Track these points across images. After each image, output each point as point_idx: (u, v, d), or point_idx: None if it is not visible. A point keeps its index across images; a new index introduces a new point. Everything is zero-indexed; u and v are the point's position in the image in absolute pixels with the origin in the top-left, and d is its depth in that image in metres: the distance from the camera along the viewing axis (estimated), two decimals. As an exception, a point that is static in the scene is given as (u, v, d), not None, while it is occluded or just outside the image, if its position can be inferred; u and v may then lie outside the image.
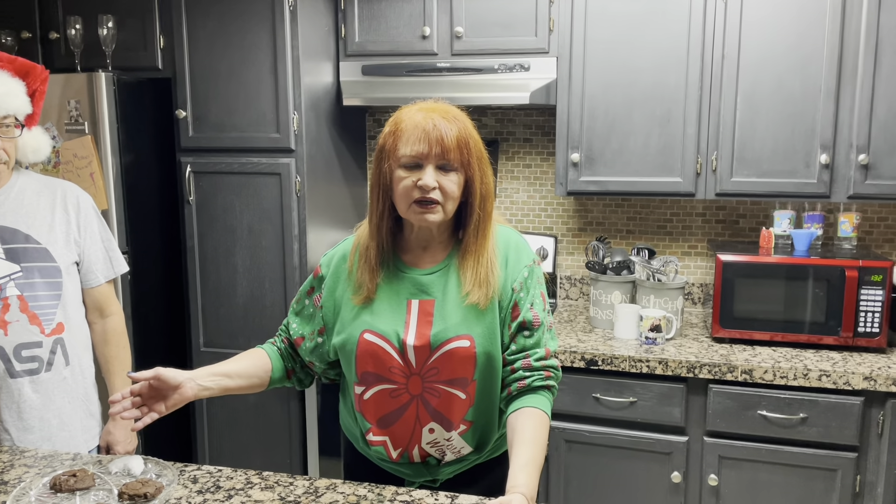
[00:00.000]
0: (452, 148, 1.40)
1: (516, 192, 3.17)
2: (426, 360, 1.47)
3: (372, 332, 1.48)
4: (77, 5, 2.81)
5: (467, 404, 1.50)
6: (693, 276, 3.03)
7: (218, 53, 2.70)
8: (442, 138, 1.40)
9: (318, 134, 2.82)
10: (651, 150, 2.66)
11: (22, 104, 1.79)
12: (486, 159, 1.48)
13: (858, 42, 2.44)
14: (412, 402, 1.50)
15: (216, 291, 2.84)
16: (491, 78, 2.76)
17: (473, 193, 1.46)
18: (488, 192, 1.48)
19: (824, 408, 2.30)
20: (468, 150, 1.43)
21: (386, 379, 1.50)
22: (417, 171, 1.42)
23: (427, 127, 1.40)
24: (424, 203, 1.42)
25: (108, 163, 2.63)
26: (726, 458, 2.40)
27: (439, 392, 1.48)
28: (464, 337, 1.45)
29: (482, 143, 1.49)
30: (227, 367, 1.56)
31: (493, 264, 1.48)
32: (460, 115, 1.46)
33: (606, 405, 2.48)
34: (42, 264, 1.81)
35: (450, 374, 1.47)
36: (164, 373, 1.44)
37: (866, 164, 2.47)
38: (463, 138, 1.42)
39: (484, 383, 1.49)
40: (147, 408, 1.45)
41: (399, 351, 1.47)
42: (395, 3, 2.82)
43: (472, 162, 1.44)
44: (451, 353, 1.45)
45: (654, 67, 2.61)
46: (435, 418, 1.50)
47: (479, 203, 1.46)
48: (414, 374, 1.48)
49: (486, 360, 1.47)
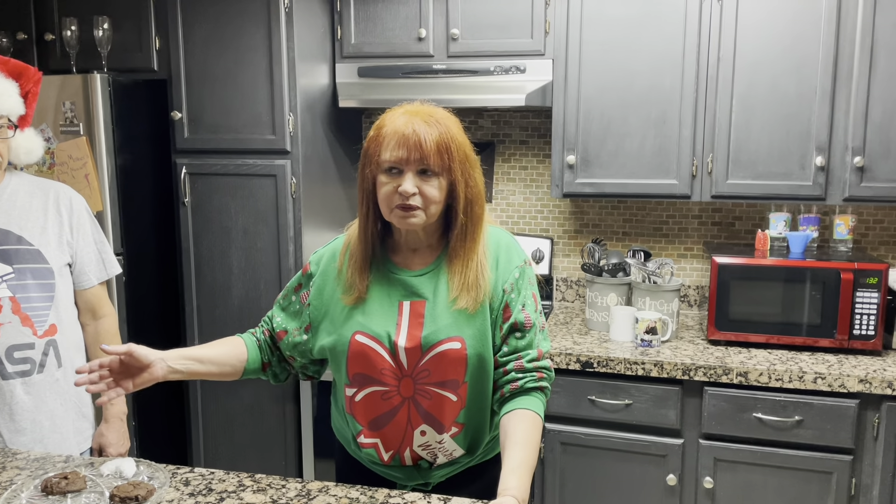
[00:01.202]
0: (432, 153, 1.39)
1: (512, 194, 3.16)
2: (417, 361, 1.46)
3: (363, 333, 1.48)
4: (73, 7, 2.81)
5: (458, 406, 1.49)
6: (689, 279, 3.02)
7: (214, 55, 2.70)
8: (421, 143, 1.38)
9: (313, 135, 2.82)
10: (647, 153, 2.66)
11: (14, 105, 1.78)
12: (474, 162, 1.46)
13: (854, 44, 2.44)
14: (403, 403, 1.50)
15: (211, 293, 2.84)
16: (487, 80, 2.76)
17: (457, 198, 1.43)
18: (476, 196, 1.46)
19: (819, 410, 2.30)
20: (449, 154, 1.40)
21: (377, 381, 1.49)
22: (398, 177, 1.41)
23: (407, 132, 1.39)
24: (405, 208, 1.41)
25: (102, 164, 2.62)
26: (722, 460, 2.40)
27: (430, 394, 1.48)
28: (455, 339, 1.45)
29: (469, 146, 1.46)
30: (201, 353, 1.56)
31: (483, 267, 1.47)
32: (444, 118, 1.43)
33: (602, 407, 2.47)
34: (34, 266, 1.81)
35: (441, 376, 1.46)
36: (137, 350, 1.45)
37: (862, 167, 2.47)
38: (444, 142, 1.40)
39: (475, 385, 1.49)
40: (114, 383, 1.46)
41: (391, 352, 1.47)
42: (392, 4, 2.81)
43: (454, 166, 1.41)
44: (443, 355, 1.45)
45: (649, 69, 2.61)
46: (426, 420, 1.50)
47: (463, 207, 1.44)
48: (405, 376, 1.48)
49: (477, 362, 1.46)
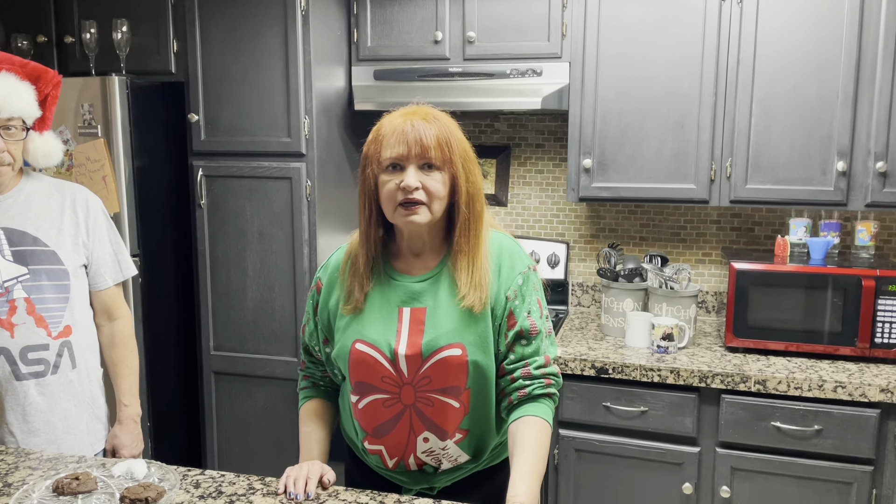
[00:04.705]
0: (433, 146, 1.39)
1: (528, 198, 3.14)
2: (418, 369, 1.45)
3: (363, 341, 1.47)
4: (92, 10, 2.83)
5: (461, 413, 1.47)
6: (707, 285, 2.99)
7: (230, 58, 2.71)
8: (421, 138, 1.39)
9: (329, 138, 2.82)
10: (664, 157, 2.63)
11: (27, 106, 1.77)
12: (472, 159, 1.46)
13: (877, 47, 2.40)
14: (405, 411, 1.48)
15: (226, 295, 2.84)
16: (503, 83, 2.75)
17: (459, 192, 1.43)
18: (476, 192, 1.46)
19: (839, 420, 2.25)
20: (449, 147, 1.41)
21: (378, 389, 1.48)
22: (400, 174, 1.40)
23: (406, 129, 1.39)
24: (409, 205, 1.40)
25: (120, 166, 2.64)
26: (739, 469, 2.36)
27: (432, 401, 1.46)
28: (455, 345, 1.43)
29: (468, 143, 1.47)
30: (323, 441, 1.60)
31: (486, 271, 1.46)
32: (441, 116, 1.45)
33: (617, 414, 2.44)
34: (49, 267, 1.81)
35: (442, 383, 1.44)
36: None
37: (884, 172, 2.43)
38: (443, 136, 1.41)
39: (478, 391, 1.47)
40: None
41: (390, 360, 1.45)
42: (408, 7, 2.81)
43: (455, 160, 1.42)
44: (444, 362, 1.43)
45: (667, 73, 2.58)
46: (429, 428, 1.48)
47: (466, 202, 1.44)
48: (406, 384, 1.46)
49: (477, 369, 1.45)
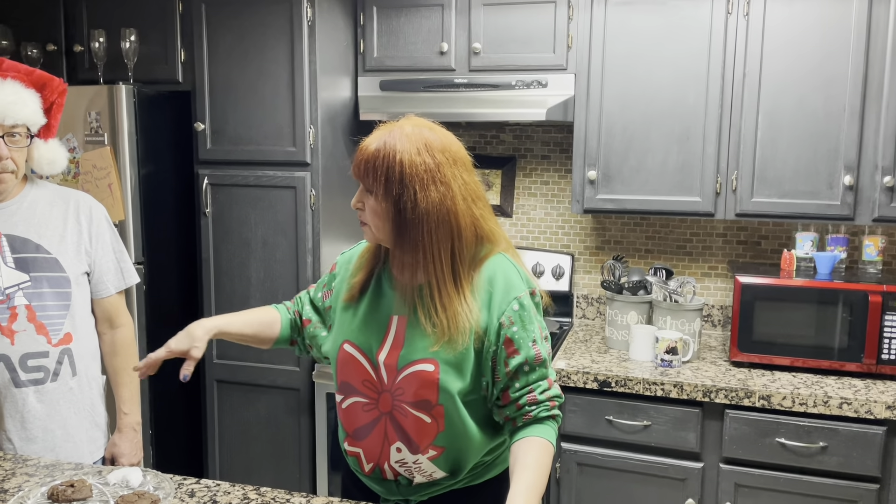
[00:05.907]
0: (368, 171, 1.36)
1: (533, 209, 3.14)
2: (395, 378, 1.45)
3: (351, 343, 1.49)
4: (101, 19, 2.86)
5: (434, 429, 1.44)
6: (713, 298, 2.96)
7: (237, 68, 2.73)
8: (362, 161, 1.38)
9: (334, 148, 2.82)
10: (669, 169, 2.62)
11: (31, 114, 1.78)
12: (431, 180, 1.33)
13: (884, 61, 2.38)
14: (381, 418, 1.47)
15: (230, 303, 2.84)
16: (508, 94, 2.75)
17: (404, 220, 1.34)
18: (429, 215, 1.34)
19: (845, 437, 2.22)
20: (385, 173, 1.33)
21: (359, 392, 1.49)
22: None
23: (363, 144, 1.40)
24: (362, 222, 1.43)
25: (126, 174, 2.65)
26: (742, 485, 2.33)
27: (406, 413, 1.44)
28: (428, 361, 1.41)
29: (434, 165, 1.34)
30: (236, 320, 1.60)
31: (471, 307, 1.39)
32: (410, 135, 1.35)
33: (619, 428, 2.42)
34: (51, 274, 1.82)
35: (414, 396, 1.42)
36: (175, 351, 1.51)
37: (892, 187, 2.40)
38: (380, 159, 1.34)
39: (453, 409, 1.43)
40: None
41: (373, 365, 1.46)
42: (414, 18, 2.82)
43: (390, 186, 1.33)
44: (415, 376, 1.42)
45: (673, 85, 2.58)
46: (401, 438, 1.46)
47: (414, 224, 1.34)
48: (385, 391, 1.46)
49: (449, 387, 1.41)
